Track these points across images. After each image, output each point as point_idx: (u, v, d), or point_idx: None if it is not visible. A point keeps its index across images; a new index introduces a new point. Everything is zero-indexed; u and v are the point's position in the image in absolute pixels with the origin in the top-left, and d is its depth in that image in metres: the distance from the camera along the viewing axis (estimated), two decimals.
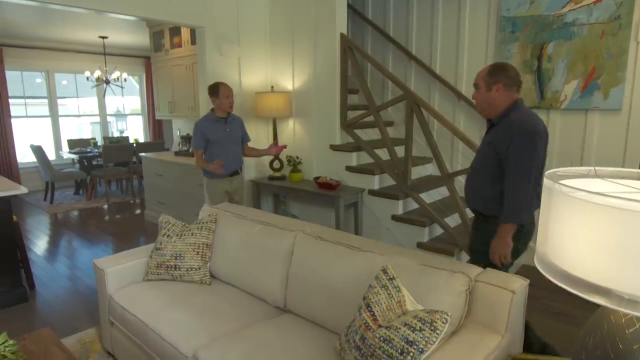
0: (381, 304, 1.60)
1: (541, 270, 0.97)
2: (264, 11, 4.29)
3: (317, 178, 3.74)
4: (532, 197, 1.95)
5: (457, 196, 3.11)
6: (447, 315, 1.45)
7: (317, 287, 1.96)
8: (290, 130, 4.31)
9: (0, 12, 5.32)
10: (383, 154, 3.70)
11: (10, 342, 1.48)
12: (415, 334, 1.41)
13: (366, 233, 3.73)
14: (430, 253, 2.75)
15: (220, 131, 3.42)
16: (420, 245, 3.29)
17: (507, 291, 1.62)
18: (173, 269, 2.39)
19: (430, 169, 4.24)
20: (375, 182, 3.64)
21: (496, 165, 2.02)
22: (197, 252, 2.42)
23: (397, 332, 1.45)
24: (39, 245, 4.64)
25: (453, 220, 3.47)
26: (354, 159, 3.81)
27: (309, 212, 4.24)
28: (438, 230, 3.47)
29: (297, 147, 4.25)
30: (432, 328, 1.42)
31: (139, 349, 2.14)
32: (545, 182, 0.99)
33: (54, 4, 2.97)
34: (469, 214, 2.96)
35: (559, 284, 0.91)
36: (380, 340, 1.45)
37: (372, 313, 1.57)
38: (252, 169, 4.39)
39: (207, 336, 1.88)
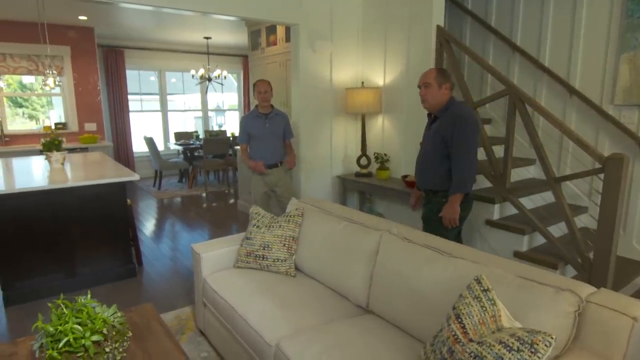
0: (473, 317, 1.47)
1: None
2: (358, 6, 4.25)
3: (405, 177, 3.62)
4: (474, 171, 2.52)
5: (565, 203, 2.78)
6: (552, 337, 1.28)
7: (402, 290, 1.88)
8: (379, 126, 4.23)
9: (123, 18, 6.01)
10: (479, 153, 3.45)
11: (119, 314, 1.64)
12: (512, 355, 1.28)
13: None
14: (530, 265, 2.50)
15: (260, 126, 3.56)
16: (517, 255, 3.01)
17: (627, 317, 1.40)
18: (261, 259, 2.48)
19: (533, 172, 3.87)
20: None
21: (444, 149, 2.54)
22: (284, 244, 2.48)
23: (491, 349, 1.32)
24: (146, 226, 5.17)
25: (558, 230, 3.12)
26: None
27: (395, 212, 4.13)
28: (539, 240, 3.15)
29: (386, 144, 4.16)
30: (533, 350, 1.27)
31: (227, 332, 2.25)
32: None
33: (166, 8, 3.24)
34: (578, 223, 2.63)
35: None
36: (471, 356, 1.34)
37: (462, 325, 1.46)
38: (339, 165, 4.40)
39: (290, 327, 1.92)
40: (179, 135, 8.06)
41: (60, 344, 1.44)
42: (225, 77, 7.89)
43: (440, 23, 3.64)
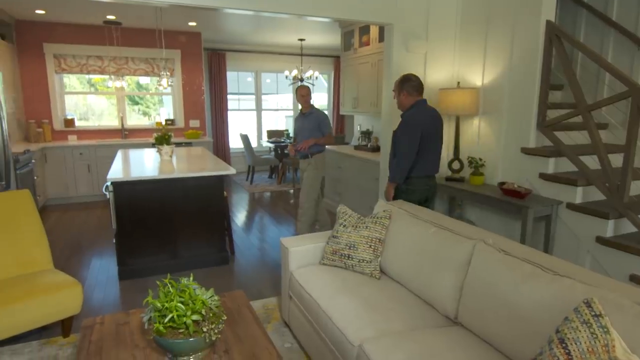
0: (580, 343, 1.33)
1: None
2: (456, 3, 4.07)
3: (502, 184, 3.39)
4: (402, 169, 3.01)
5: None
6: None
7: (496, 305, 1.76)
8: (475, 129, 4.00)
9: (225, 23, 6.45)
10: (591, 161, 3.10)
11: (215, 297, 1.76)
12: None
13: (558, 253, 3.20)
14: None
15: (298, 123, 4.30)
16: (635, 280, 2.65)
17: None
18: (346, 258, 2.49)
19: None
20: (578, 194, 3.08)
21: (395, 145, 3.07)
22: (370, 246, 2.47)
23: None
24: (238, 217, 5.50)
25: None
26: (550, 165, 3.30)
27: (489, 220, 3.88)
28: None
29: (481, 148, 3.93)
30: None
31: (311, 327, 2.31)
32: None
33: (265, 12, 3.40)
34: None
35: None
36: None
37: (567, 351, 1.32)
38: None
39: (373, 330, 1.90)
40: (271, 133, 8.46)
41: (166, 320, 1.59)
42: (316, 78, 8.08)
43: (550, 18, 3.34)
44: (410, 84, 3.03)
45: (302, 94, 4.17)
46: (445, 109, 3.87)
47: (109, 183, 3.40)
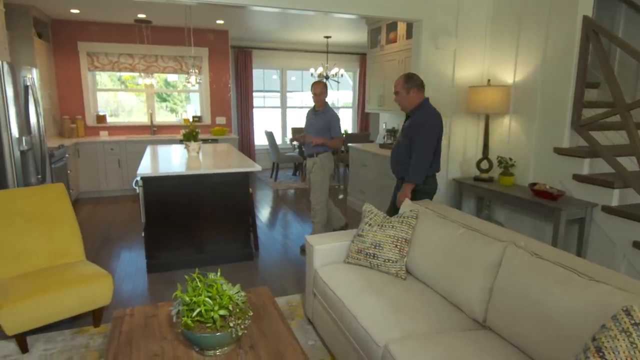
0: (618, 353, 1.27)
1: None
2: None
3: (533, 184, 3.29)
4: (424, 169, 2.96)
5: None
6: None
7: (528, 310, 1.70)
8: (505, 128, 3.90)
9: (252, 21, 6.50)
10: (629, 163, 2.97)
11: (242, 293, 1.78)
12: None
13: (592, 258, 3.09)
14: None
15: (309, 120, 4.25)
16: None
17: None
18: (371, 257, 2.47)
19: None
20: (614, 197, 2.96)
21: (408, 144, 3.00)
22: (396, 245, 2.44)
23: None
24: (262, 214, 5.54)
25: None
26: (585, 166, 3.18)
27: (518, 222, 3.78)
28: None
29: (512, 147, 3.82)
30: None
31: (335, 325, 2.30)
32: None
33: (292, 9, 3.40)
34: None
35: None
36: None
37: None
38: (456, 167, 4.18)
39: (399, 331, 1.88)
40: (295, 131, 8.47)
41: (194, 314, 1.62)
42: (342, 75, 8.05)
43: (587, 13, 3.21)
44: (417, 81, 3.00)
45: (317, 92, 4.08)
46: (474, 107, 3.79)
47: (139, 178, 3.48)
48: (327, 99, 4.18)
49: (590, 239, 3.11)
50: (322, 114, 4.11)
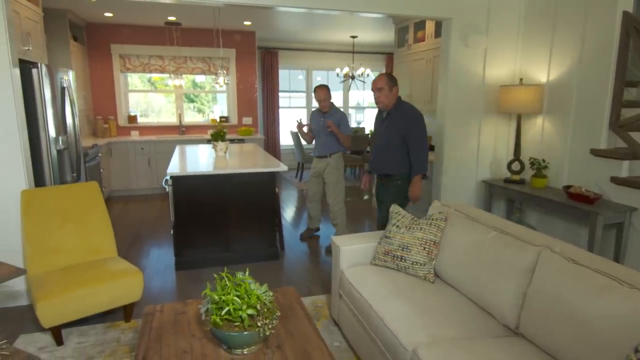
0: None
1: None
2: None
3: (568, 187, 3.17)
4: (427, 158, 3.14)
5: None
6: None
7: (564, 317, 1.64)
8: (538, 128, 3.78)
9: (279, 22, 6.54)
10: None
11: (269, 293, 1.78)
12: None
13: (631, 264, 2.95)
14: None
15: (317, 121, 4.20)
16: None
17: None
18: (399, 259, 2.44)
19: None
20: None
21: (398, 141, 3.14)
22: (424, 248, 2.40)
23: None
24: (287, 213, 5.56)
25: None
26: (624, 168, 3.04)
27: (551, 226, 3.65)
28: None
29: (545, 148, 3.70)
30: None
31: (361, 327, 2.28)
32: None
33: (318, 9, 3.39)
34: None
35: None
36: None
37: None
38: (486, 169, 4.08)
39: (427, 335, 1.84)
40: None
41: (223, 312, 1.63)
42: (368, 75, 8.00)
43: (627, 8, 3.07)
44: (395, 79, 3.17)
45: (321, 98, 4.04)
46: (505, 107, 3.69)
47: (168, 177, 3.55)
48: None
49: (629, 244, 2.98)
50: (330, 115, 4.11)
